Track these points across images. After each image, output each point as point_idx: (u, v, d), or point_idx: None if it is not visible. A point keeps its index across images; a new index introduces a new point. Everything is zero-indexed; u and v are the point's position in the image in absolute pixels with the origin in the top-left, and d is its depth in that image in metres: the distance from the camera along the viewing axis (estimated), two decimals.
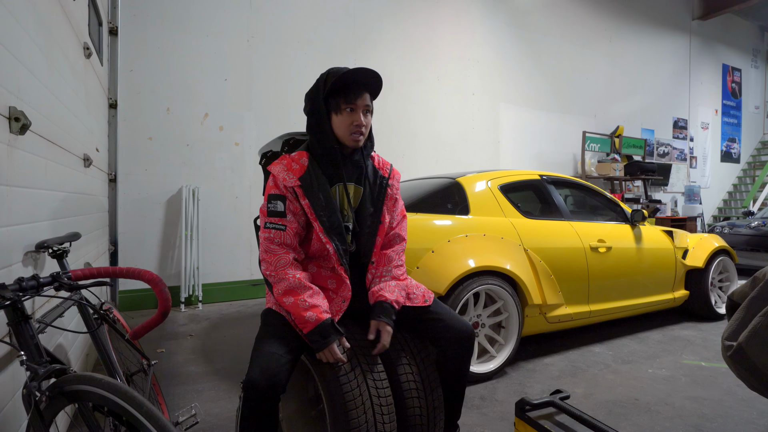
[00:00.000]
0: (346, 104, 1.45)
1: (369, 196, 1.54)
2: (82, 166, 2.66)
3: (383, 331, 1.43)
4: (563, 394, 1.70)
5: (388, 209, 1.58)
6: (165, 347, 3.16)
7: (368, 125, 1.50)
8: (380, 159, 1.64)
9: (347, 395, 1.32)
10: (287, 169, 1.47)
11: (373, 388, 1.37)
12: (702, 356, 2.97)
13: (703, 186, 9.74)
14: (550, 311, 2.81)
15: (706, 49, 9.84)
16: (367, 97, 1.48)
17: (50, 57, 1.93)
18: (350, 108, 1.45)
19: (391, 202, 1.60)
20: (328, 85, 1.45)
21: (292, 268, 1.42)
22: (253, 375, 1.23)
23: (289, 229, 1.44)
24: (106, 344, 1.63)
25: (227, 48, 4.70)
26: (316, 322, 1.35)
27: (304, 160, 1.49)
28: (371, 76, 1.46)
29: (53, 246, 1.60)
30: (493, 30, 6.63)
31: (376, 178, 1.58)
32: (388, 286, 1.50)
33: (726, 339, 1.23)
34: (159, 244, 4.40)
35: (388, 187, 1.59)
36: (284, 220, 1.44)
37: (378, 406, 1.35)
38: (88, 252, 2.73)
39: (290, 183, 1.44)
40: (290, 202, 1.45)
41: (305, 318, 1.35)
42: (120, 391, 0.98)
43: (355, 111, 1.45)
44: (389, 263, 1.54)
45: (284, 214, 1.44)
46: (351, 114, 1.45)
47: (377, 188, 1.56)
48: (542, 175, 3.29)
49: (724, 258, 3.90)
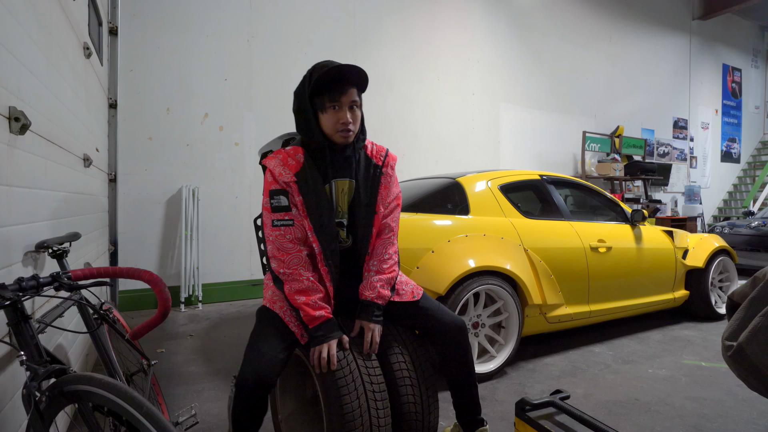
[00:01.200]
0: (330, 102, 1.43)
1: (363, 188, 1.52)
2: (82, 166, 2.66)
3: (367, 330, 1.45)
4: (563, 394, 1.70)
5: (382, 198, 1.55)
6: (165, 347, 3.16)
7: (357, 119, 1.48)
8: (374, 147, 1.60)
9: (340, 381, 1.33)
10: (283, 163, 1.45)
11: (366, 375, 1.38)
12: (702, 356, 2.97)
13: (703, 186, 9.74)
14: (550, 311, 2.81)
15: (706, 48, 9.85)
16: (353, 92, 1.45)
17: (50, 57, 1.93)
18: (335, 106, 1.44)
19: (385, 191, 1.56)
20: (311, 83, 1.43)
21: (305, 269, 1.43)
22: (245, 374, 1.27)
23: (297, 223, 1.44)
24: (106, 344, 1.63)
25: (227, 48, 4.70)
26: (324, 318, 1.39)
27: (300, 156, 1.48)
28: (354, 72, 1.43)
29: (53, 246, 1.60)
30: (493, 30, 6.63)
31: (369, 167, 1.54)
32: (370, 283, 1.49)
33: (726, 339, 1.23)
34: (159, 244, 4.40)
35: (381, 176, 1.55)
36: (290, 214, 1.44)
37: (371, 392, 1.36)
38: (88, 252, 2.73)
39: (286, 178, 1.44)
40: (291, 196, 1.45)
41: (314, 315, 1.38)
42: (120, 392, 0.98)
43: (341, 108, 1.44)
44: (376, 256, 1.53)
45: (289, 208, 1.44)
46: (337, 112, 1.44)
47: (371, 179, 1.54)
48: (542, 175, 3.28)
49: (724, 258, 3.90)
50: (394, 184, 1.61)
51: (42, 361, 1.09)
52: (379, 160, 1.57)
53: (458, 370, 1.56)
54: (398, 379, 1.45)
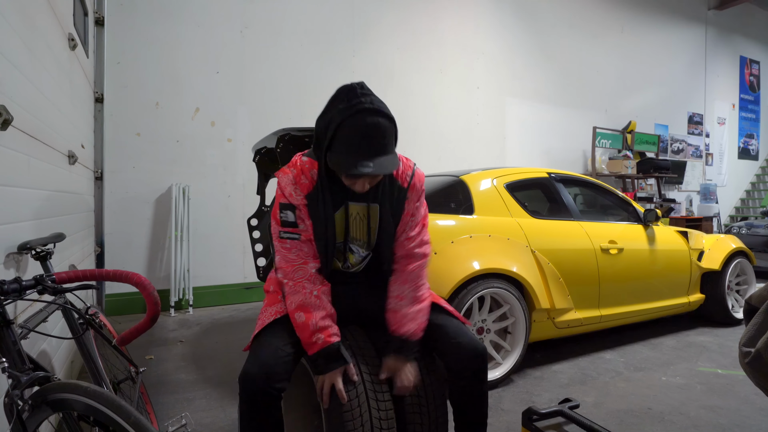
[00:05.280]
0: (345, 177, 1.36)
1: (388, 211, 1.47)
2: (67, 163, 2.66)
3: (406, 369, 1.39)
4: (572, 403, 1.70)
5: (403, 223, 1.50)
6: (154, 354, 3.16)
7: (376, 182, 1.40)
8: (401, 166, 1.48)
9: (348, 425, 1.30)
10: (295, 182, 1.40)
11: (374, 400, 1.37)
12: (718, 363, 2.97)
13: (719, 184, 9.74)
14: (558, 316, 2.81)
15: (723, 40, 9.84)
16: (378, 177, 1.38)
17: (33, 49, 1.93)
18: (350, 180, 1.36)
19: (408, 217, 1.50)
20: (329, 143, 1.32)
21: (310, 282, 1.39)
22: (249, 368, 1.23)
23: (304, 237, 1.42)
24: (92, 350, 1.63)
25: (219, 39, 4.70)
26: (323, 344, 1.33)
27: (314, 172, 1.41)
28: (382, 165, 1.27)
29: (36, 247, 1.60)
30: (499, 20, 6.63)
31: (393, 190, 1.46)
32: (408, 316, 1.42)
33: (743, 345, 1.23)
34: (147, 246, 4.40)
35: (405, 201, 1.48)
36: (297, 229, 1.42)
37: (377, 419, 1.34)
38: (73, 254, 2.73)
39: (296, 201, 1.41)
40: (299, 212, 1.42)
41: (312, 340, 1.34)
42: (106, 400, 0.98)
43: (356, 180, 1.35)
44: (411, 282, 1.47)
45: (296, 224, 1.42)
46: (353, 181, 1.36)
47: (395, 203, 1.47)
48: (550, 173, 3.29)
49: (741, 260, 3.90)
50: (421, 206, 1.53)
51: (25, 368, 1.09)
52: (405, 181, 1.48)
53: (471, 404, 1.47)
54: (407, 405, 1.42)
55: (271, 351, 1.27)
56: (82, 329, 1.64)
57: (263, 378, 1.21)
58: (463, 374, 1.42)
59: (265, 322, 1.41)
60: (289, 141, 2.34)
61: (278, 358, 1.26)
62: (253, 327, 3.82)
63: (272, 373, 1.22)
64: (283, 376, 1.24)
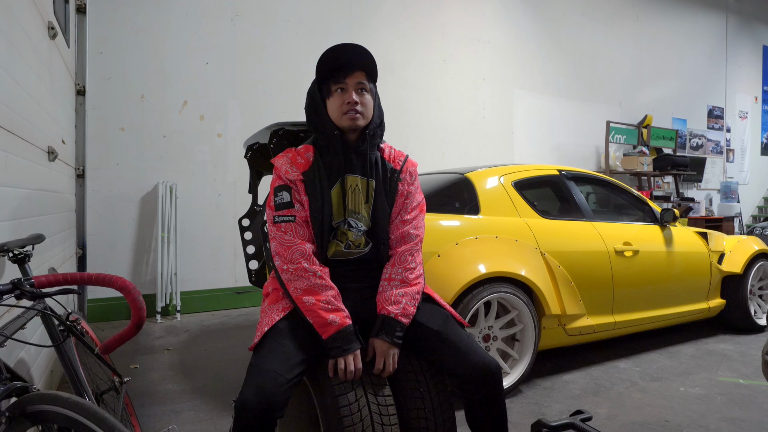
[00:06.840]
0: (335, 84, 1.50)
1: (382, 190, 1.57)
2: (47, 159, 2.66)
3: (385, 351, 1.42)
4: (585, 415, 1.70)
5: (398, 206, 1.59)
6: (139, 363, 3.16)
7: (367, 104, 1.53)
8: (392, 151, 1.66)
9: (346, 420, 1.30)
10: (291, 162, 1.53)
11: (377, 414, 1.36)
12: (740, 373, 2.98)
13: (741, 182, 9.75)
14: (569, 322, 2.81)
15: (745, 28, 9.85)
16: (360, 74, 1.51)
17: (10, 38, 1.93)
18: (340, 88, 1.50)
19: (402, 198, 1.60)
20: (317, 71, 1.52)
21: (309, 262, 1.43)
22: (246, 395, 1.22)
23: (299, 219, 1.48)
24: (73, 359, 1.63)
25: (209, 28, 4.70)
26: (339, 326, 1.37)
27: (310, 154, 1.55)
28: (359, 53, 1.50)
29: (14, 249, 1.60)
30: (506, 8, 6.63)
31: (386, 171, 1.60)
32: (394, 297, 1.46)
33: (766, 353, 1.23)
34: (132, 248, 4.40)
35: (399, 182, 1.60)
36: (292, 210, 1.48)
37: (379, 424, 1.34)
38: (53, 256, 2.73)
39: (292, 176, 1.50)
40: (296, 192, 1.50)
41: (327, 321, 1.37)
42: (89, 412, 0.98)
43: (346, 90, 1.50)
44: (401, 264, 1.53)
45: (292, 204, 1.49)
46: (342, 94, 1.50)
47: (388, 183, 1.59)
48: (561, 170, 3.29)
49: (764, 263, 3.90)
50: (416, 192, 1.65)
51: (1, 378, 1.09)
52: (398, 164, 1.62)
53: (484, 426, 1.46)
54: (412, 420, 1.42)
55: (270, 379, 1.25)
56: (62, 336, 1.64)
57: (262, 409, 1.20)
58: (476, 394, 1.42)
59: (274, 320, 1.43)
60: (283, 136, 2.34)
61: (279, 385, 1.24)
62: (245, 333, 3.82)
63: (272, 403, 1.21)
64: (282, 404, 1.24)
